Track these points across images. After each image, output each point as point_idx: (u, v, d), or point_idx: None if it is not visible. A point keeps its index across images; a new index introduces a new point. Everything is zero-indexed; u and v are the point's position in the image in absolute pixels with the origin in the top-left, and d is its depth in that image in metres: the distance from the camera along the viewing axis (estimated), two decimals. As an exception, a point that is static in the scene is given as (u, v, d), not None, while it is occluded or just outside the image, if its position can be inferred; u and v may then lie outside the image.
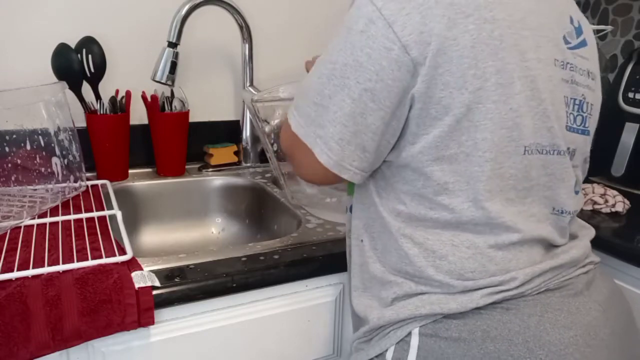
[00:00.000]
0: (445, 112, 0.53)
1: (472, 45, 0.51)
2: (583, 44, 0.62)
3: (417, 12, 0.51)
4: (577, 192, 0.63)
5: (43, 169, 0.85)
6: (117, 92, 1.04)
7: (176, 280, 0.65)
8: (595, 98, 0.63)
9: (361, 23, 0.53)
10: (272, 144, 0.93)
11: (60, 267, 0.62)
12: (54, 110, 0.85)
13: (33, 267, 0.62)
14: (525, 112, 0.54)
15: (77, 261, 0.64)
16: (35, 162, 0.84)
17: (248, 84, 1.15)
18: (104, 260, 0.64)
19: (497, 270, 0.56)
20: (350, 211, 0.68)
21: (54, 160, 0.85)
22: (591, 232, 0.68)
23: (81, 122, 1.00)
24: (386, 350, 0.60)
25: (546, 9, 0.58)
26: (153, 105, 1.06)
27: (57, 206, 0.84)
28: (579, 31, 0.62)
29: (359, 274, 0.66)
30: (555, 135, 0.57)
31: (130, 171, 1.09)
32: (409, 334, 0.58)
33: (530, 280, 0.56)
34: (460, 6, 0.51)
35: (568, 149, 0.59)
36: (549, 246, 0.60)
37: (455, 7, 0.51)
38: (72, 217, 0.79)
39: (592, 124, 0.64)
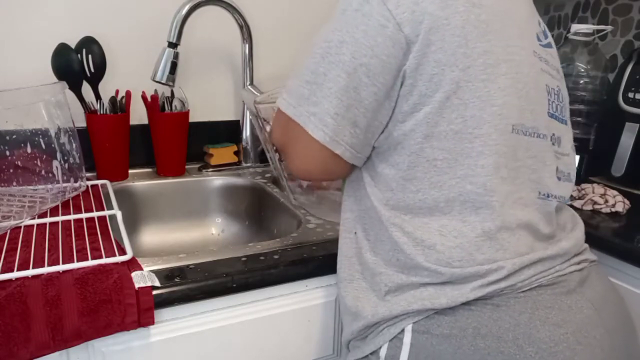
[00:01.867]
0: (436, 88, 0.54)
1: (462, 25, 0.54)
2: (549, 45, 0.66)
3: None
4: (559, 179, 0.64)
5: (43, 169, 0.85)
6: (117, 92, 1.04)
7: (176, 280, 0.65)
8: (565, 93, 0.67)
9: (355, 3, 0.55)
10: (272, 144, 0.93)
11: (60, 267, 0.62)
12: (54, 110, 0.85)
13: (33, 267, 0.62)
14: (511, 92, 0.56)
15: (77, 261, 0.64)
16: (35, 162, 0.84)
17: (248, 83, 1.15)
18: (104, 260, 0.64)
19: (484, 260, 0.56)
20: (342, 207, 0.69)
21: (54, 160, 0.85)
22: (580, 224, 0.68)
23: (81, 122, 1.00)
24: (380, 348, 0.61)
25: (523, 9, 0.62)
26: (153, 105, 1.06)
27: (57, 206, 0.84)
28: (545, 34, 0.66)
29: (347, 265, 0.67)
30: (536, 118, 0.59)
31: (130, 171, 1.09)
32: (402, 330, 0.59)
33: (519, 271, 0.56)
34: None
35: (553, 135, 0.62)
36: (537, 235, 0.60)
37: None
38: (72, 217, 0.79)
39: (567, 115, 0.67)
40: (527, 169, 0.59)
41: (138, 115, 1.10)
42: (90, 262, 0.64)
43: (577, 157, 0.69)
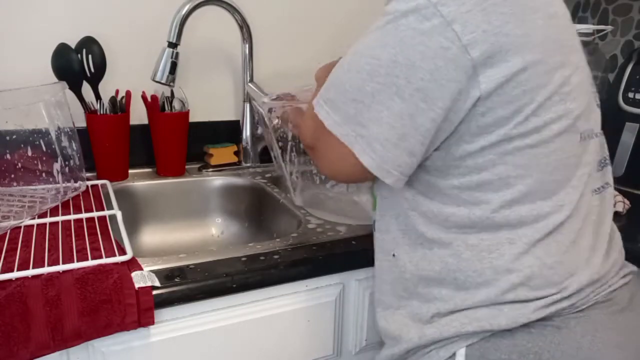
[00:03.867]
0: (516, 111, 0.50)
1: (541, 42, 0.50)
2: None
3: (479, 9, 0.48)
4: (603, 166, 0.62)
5: (43, 169, 0.85)
6: (117, 92, 1.04)
7: (176, 280, 0.64)
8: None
9: (412, 18, 0.49)
10: (277, 141, 0.93)
11: (60, 267, 0.62)
12: (54, 110, 0.85)
13: (33, 267, 0.62)
14: (581, 101, 0.54)
15: (77, 261, 0.64)
16: (35, 162, 0.84)
17: (248, 80, 1.15)
18: (104, 260, 0.64)
19: (555, 263, 0.53)
20: (375, 227, 0.66)
21: (54, 160, 0.85)
22: (616, 230, 0.65)
23: (81, 122, 1.00)
24: None
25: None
26: (153, 105, 1.06)
27: (57, 206, 0.84)
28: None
29: (390, 290, 0.63)
30: (594, 118, 0.58)
31: (130, 171, 1.08)
32: (454, 354, 0.55)
33: (581, 290, 0.54)
34: (528, 1, 0.50)
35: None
36: (594, 245, 0.57)
37: (522, 3, 0.49)
38: (72, 217, 0.79)
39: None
40: (588, 172, 0.57)
41: (138, 115, 1.10)
42: (90, 262, 0.64)
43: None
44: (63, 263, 0.63)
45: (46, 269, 0.62)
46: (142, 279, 0.62)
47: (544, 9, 0.51)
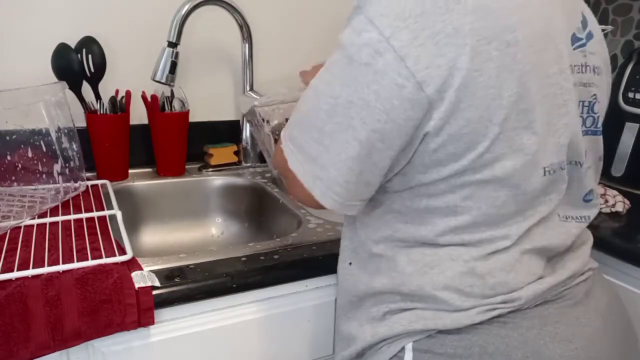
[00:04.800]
0: (467, 148, 0.48)
1: (496, 74, 0.46)
2: (589, 36, 0.57)
3: (432, 42, 0.45)
4: (588, 200, 0.61)
5: (43, 169, 0.85)
6: (117, 92, 1.04)
7: (176, 280, 0.64)
8: (602, 93, 0.59)
9: (365, 53, 0.46)
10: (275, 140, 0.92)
11: (60, 267, 0.62)
12: (54, 110, 0.85)
13: (33, 267, 0.62)
14: (545, 133, 0.51)
15: (77, 261, 0.64)
16: (35, 162, 0.84)
17: (248, 88, 1.15)
18: (104, 260, 0.64)
19: (497, 284, 0.53)
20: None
21: (54, 160, 0.85)
22: (590, 239, 0.65)
23: (81, 122, 1.00)
24: None
25: (559, 12, 0.53)
26: (153, 105, 1.06)
27: (57, 206, 0.84)
28: (584, 24, 0.57)
29: (345, 296, 0.64)
30: (573, 148, 0.55)
31: (130, 171, 1.08)
32: (402, 349, 0.56)
33: (528, 300, 0.54)
34: (482, 31, 0.46)
35: (585, 152, 0.57)
36: (547, 256, 0.58)
37: (477, 33, 0.45)
38: (72, 217, 0.79)
39: (601, 121, 0.61)
40: (553, 204, 0.56)
41: (138, 115, 1.10)
42: (90, 262, 0.64)
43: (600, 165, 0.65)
44: (63, 263, 0.63)
45: (46, 269, 0.62)
46: (142, 279, 0.62)
47: (500, 38, 0.46)
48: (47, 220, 0.77)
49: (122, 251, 0.68)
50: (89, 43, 0.99)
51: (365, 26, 0.46)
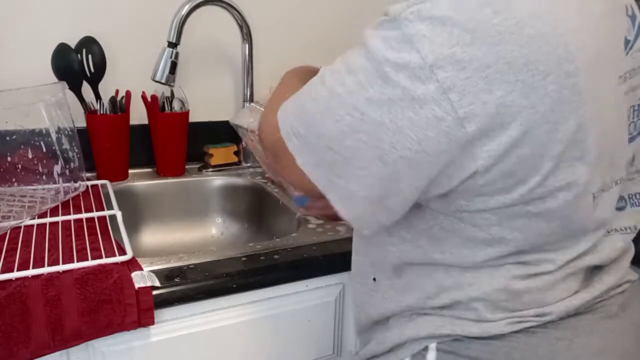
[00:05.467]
0: (516, 183, 0.45)
1: (552, 109, 0.42)
2: (639, 33, 0.51)
3: (481, 75, 0.40)
4: (620, 208, 0.55)
5: (43, 169, 0.85)
6: (117, 92, 1.04)
7: (176, 280, 0.64)
8: None
9: (403, 76, 0.42)
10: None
11: (60, 267, 0.62)
12: (54, 110, 0.85)
13: (33, 267, 0.62)
14: (596, 161, 0.46)
15: (77, 261, 0.64)
16: (35, 162, 0.84)
17: (248, 88, 1.15)
18: (104, 260, 0.64)
19: (532, 301, 0.51)
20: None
21: (54, 160, 0.85)
22: (630, 250, 0.59)
23: (81, 122, 1.00)
24: None
25: (609, 21, 0.48)
26: (153, 105, 1.06)
27: (57, 206, 0.84)
28: (633, 18, 0.50)
29: (369, 315, 0.62)
30: (618, 165, 0.51)
31: (130, 171, 1.08)
32: (426, 348, 0.54)
33: (564, 313, 0.52)
34: (538, 65, 0.41)
35: (631, 160, 0.53)
36: (586, 272, 0.54)
37: (532, 67, 0.41)
38: (72, 217, 0.79)
39: None
40: (599, 230, 0.52)
41: (138, 115, 1.10)
42: (90, 262, 0.64)
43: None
44: (63, 263, 0.63)
45: (46, 269, 0.62)
46: (142, 279, 0.62)
47: (558, 70, 0.42)
48: (47, 220, 0.77)
49: (122, 251, 0.68)
50: (89, 43, 0.99)
51: (404, 45, 0.41)
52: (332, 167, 0.47)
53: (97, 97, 1.01)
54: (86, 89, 1.00)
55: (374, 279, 0.59)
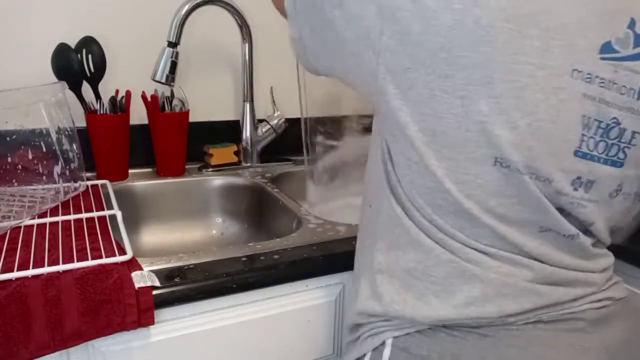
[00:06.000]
0: (410, 85, 0.48)
1: (450, 25, 0.45)
2: (635, 57, 0.48)
3: None
4: (580, 234, 0.52)
5: (43, 169, 0.85)
6: (117, 92, 1.04)
7: (176, 280, 0.65)
8: (634, 125, 0.50)
9: None
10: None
11: (60, 267, 0.62)
12: (54, 110, 0.85)
13: (33, 267, 0.62)
14: (500, 120, 0.46)
15: (77, 261, 0.64)
16: (35, 162, 0.84)
17: (248, 89, 1.16)
18: (104, 260, 0.64)
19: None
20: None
21: (54, 160, 0.85)
22: (605, 261, 0.57)
23: (81, 122, 1.00)
24: (364, 355, 0.59)
25: (586, 8, 0.47)
26: (153, 105, 1.06)
27: (57, 206, 0.84)
28: (636, 40, 0.48)
29: (360, 243, 0.66)
30: (545, 158, 0.48)
31: (130, 171, 1.08)
32: (383, 343, 0.57)
33: (517, 315, 0.51)
34: None
35: (577, 178, 0.49)
36: (538, 271, 0.52)
37: None
38: (72, 217, 0.79)
39: (636, 155, 0.51)
40: (526, 209, 0.50)
41: (138, 115, 1.10)
42: (90, 262, 0.64)
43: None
44: (63, 263, 0.63)
45: (46, 269, 0.62)
46: (142, 279, 0.62)
47: None
48: (47, 220, 0.77)
49: (122, 251, 0.68)
50: (89, 43, 0.99)
51: None
52: None
53: (97, 97, 1.01)
54: (86, 89, 1.00)
55: (370, 206, 0.62)
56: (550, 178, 0.49)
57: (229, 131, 1.22)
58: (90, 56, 0.99)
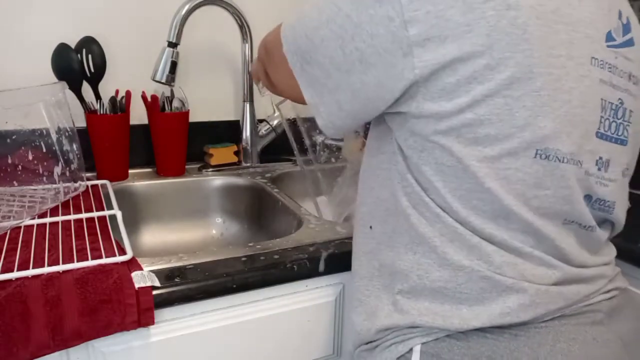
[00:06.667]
0: (449, 98, 0.49)
1: (487, 33, 0.46)
2: (629, 43, 0.55)
3: None
4: (595, 209, 0.56)
5: (43, 169, 0.85)
6: (117, 92, 1.04)
7: (176, 280, 0.65)
8: (636, 105, 0.56)
9: None
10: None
11: (60, 267, 0.62)
12: (54, 110, 0.85)
13: (33, 267, 0.62)
14: (541, 112, 0.49)
15: (77, 261, 0.64)
16: (35, 162, 0.84)
17: (248, 89, 1.15)
18: (104, 260, 0.64)
19: (513, 274, 0.52)
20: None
21: (54, 160, 0.85)
22: (611, 253, 0.61)
23: (81, 122, 1.00)
24: None
25: (593, 2, 0.52)
26: (153, 105, 1.06)
27: (57, 206, 0.84)
28: (626, 28, 0.55)
29: (366, 262, 0.63)
30: (577, 142, 0.51)
31: (130, 171, 1.08)
32: (410, 350, 0.55)
33: (541, 305, 0.52)
34: None
35: (599, 159, 0.54)
36: (561, 259, 0.55)
37: None
38: (72, 217, 0.79)
39: (633, 134, 0.57)
40: (558, 198, 0.52)
41: (138, 115, 1.10)
42: (90, 262, 0.64)
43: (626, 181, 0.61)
44: (63, 263, 0.63)
45: (46, 269, 0.62)
46: (142, 279, 0.62)
47: None
48: (47, 220, 0.77)
49: (122, 251, 0.68)
50: (89, 43, 0.99)
51: None
52: (304, 54, 0.56)
53: (97, 97, 1.01)
54: (86, 89, 1.00)
55: (370, 227, 0.62)
56: (582, 160, 0.52)
57: (229, 131, 1.22)
58: (90, 56, 0.99)
